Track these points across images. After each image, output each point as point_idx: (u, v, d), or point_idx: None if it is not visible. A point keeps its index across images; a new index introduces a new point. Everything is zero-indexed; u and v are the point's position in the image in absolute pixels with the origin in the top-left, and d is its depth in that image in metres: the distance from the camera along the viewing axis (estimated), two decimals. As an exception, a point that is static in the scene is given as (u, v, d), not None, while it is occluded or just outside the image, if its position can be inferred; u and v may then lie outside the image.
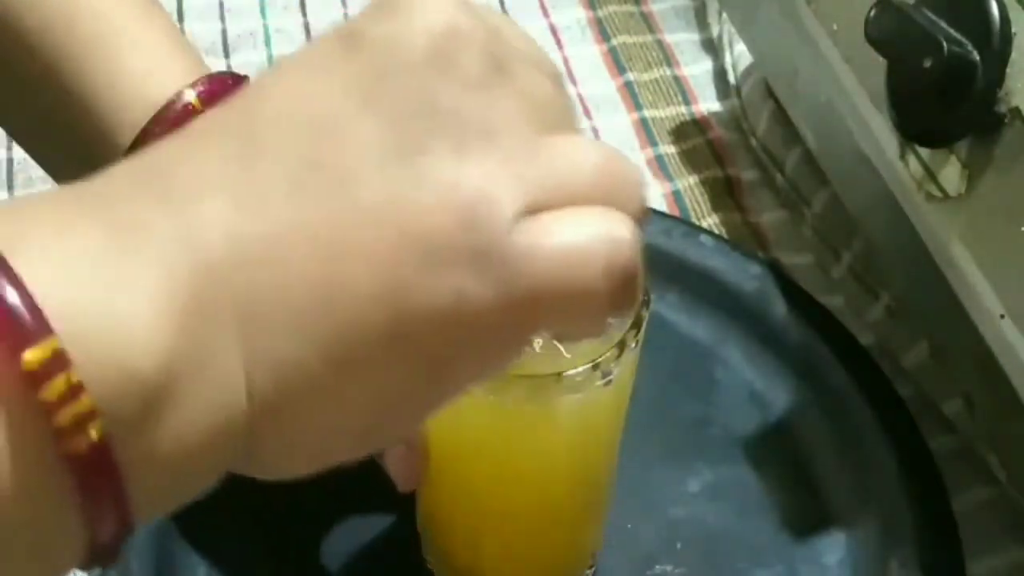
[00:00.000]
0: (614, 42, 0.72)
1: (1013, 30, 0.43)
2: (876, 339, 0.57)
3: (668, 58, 0.72)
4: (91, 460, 0.23)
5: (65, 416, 0.23)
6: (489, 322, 0.27)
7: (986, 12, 0.43)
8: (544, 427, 0.41)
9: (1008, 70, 0.43)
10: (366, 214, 0.27)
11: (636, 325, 0.39)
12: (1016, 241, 0.42)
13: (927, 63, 0.43)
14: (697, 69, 0.71)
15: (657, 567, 0.49)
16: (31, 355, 0.23)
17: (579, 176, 0.29)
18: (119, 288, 0.24)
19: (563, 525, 0.47)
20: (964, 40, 0.43)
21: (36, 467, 0.23)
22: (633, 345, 0.39)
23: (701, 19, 0.73)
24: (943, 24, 0.44)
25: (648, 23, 0.74)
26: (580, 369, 0.38)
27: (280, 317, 0.26)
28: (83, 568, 0.26)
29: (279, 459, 0.29)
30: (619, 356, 0.39)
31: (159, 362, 0.24)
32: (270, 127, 0.28)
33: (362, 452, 0.30)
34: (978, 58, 0.43)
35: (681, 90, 0.70)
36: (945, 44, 0.43)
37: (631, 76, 0.70)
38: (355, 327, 0.27)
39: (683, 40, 0.73)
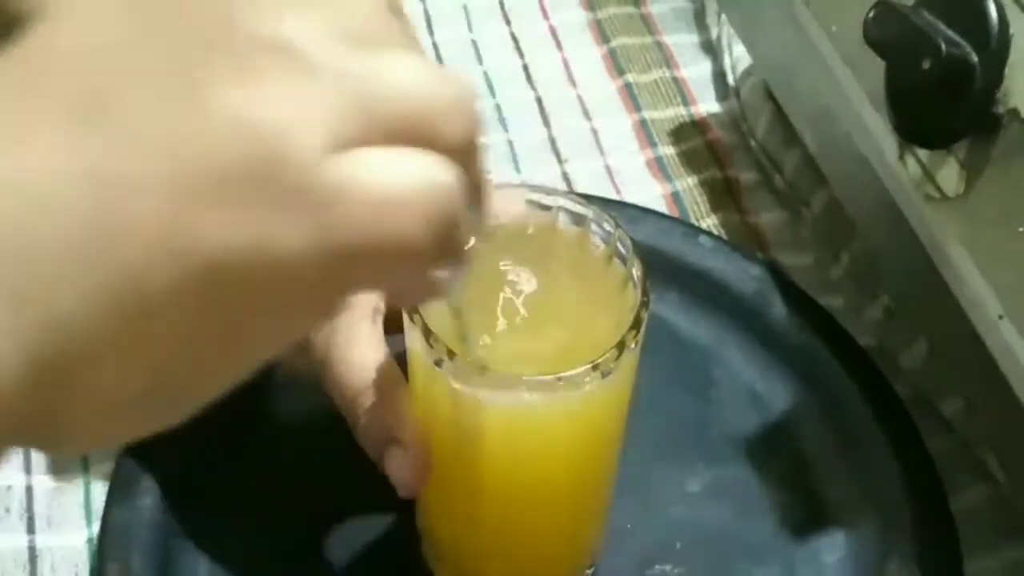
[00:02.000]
0: (613, 43, 0.72)
1: (1011, 31, 0.43)
2: (875, 339, 0.57)
3: (667, 59, 0.72)
4: None
5: None
6: (297, 273, 0.25)
7: (984, 13, 0.43)
8: (544, 427, 0.41)
9: (1006, 71, 0.43)
10: (144, 147, 0.24)
11: (636, 325, 0.40)
12: (1015, 242, 0.43)
13: (926, 64, 0.43)
14: (696, 71, 0.71)
15: (657, 567, 0.49)
16: None
17: (397, 103, 0.26)
18: None
19: (563, 525, 0.47)
20: (962, 41, 0.43)
21: None
22: (633, 345, 0.39)
23: (700, 21, 0.73)
24: (941, 26, 0.44)
25: (647, 25, 0.74)
26: (580, 370, 0.38)
27: (51, 263, 0.23)
28: None
29: (73, 428, 0.26)
30: (619, 356, 0.39)
31: None
32: (53, 61, 0.25)
33: (168, 419, 0.27)
34: (976, 59, 0.43)
35: (680, 91, 0.70)
36: (943, 45, 0.43)
37: (630, 77, 0.70)
38: (137, 271, 0.24)
39: (682, 42, 0.73)
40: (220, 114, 0.24)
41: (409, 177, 0.25)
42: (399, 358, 0.44)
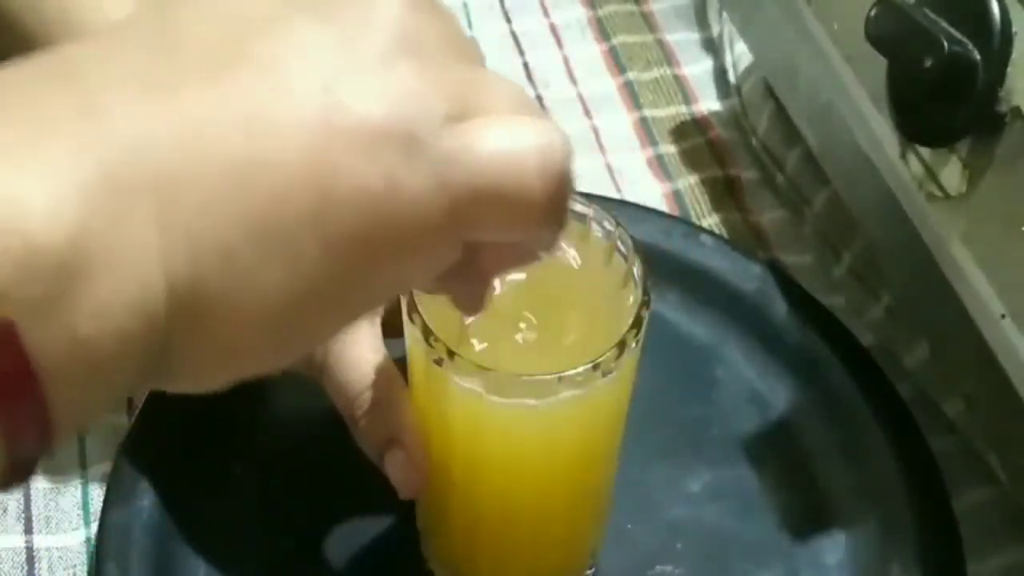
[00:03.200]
0: (614, 41, 0.72)
1: (1014, 29, 0.42)
2: (876, 339, 0.57)
3: (668, 57, 0.71)
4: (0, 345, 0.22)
5: None
6: (420, 216, 0.28)
7: (987, 11, 0.43)
8: (544, 427, 0.41)
9: (1009, 69, 0.42)
10: (292, 97, 0.27)
11: (636, 325, 0.39)
12: (1017, 241, 0.42)
13: (928, 63, 0.43)
14: (697, 68, 0.71)
15: (657, 567, 0.49)
16: None
17: (502, 97, 0.30)
18: (22, 169, 0.24)
19: (563, 525, 0.47)
20: (965, 39, 0.43)
21: None
22: (633, 345, 0.39)
23: (701, 18, 0.73)
24: (944, 23, 0.44)
25: (648, 22, 0.74)
26: (580, 369, 0.38)
27: (198, 193, 0.26)
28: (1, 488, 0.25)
29: (195, 360, 0.28)
30: (619, 356, 0.39)
31: (68, 236, 0.24)
32: (191, 22, 0.28)
33: (279, 359, 0.29)
34: (979, 57, 0.42)
35: (681, 89, 0.70)
36: (946, 43, 0.43)
37: (631, 75, 0.70)
38: (277, 204, 0.26)
39: (683, 39, 0.73)
40: (365, 79, 0.27)
41: (525, 133, 0.29)
42: (399, 363, 0.44)
